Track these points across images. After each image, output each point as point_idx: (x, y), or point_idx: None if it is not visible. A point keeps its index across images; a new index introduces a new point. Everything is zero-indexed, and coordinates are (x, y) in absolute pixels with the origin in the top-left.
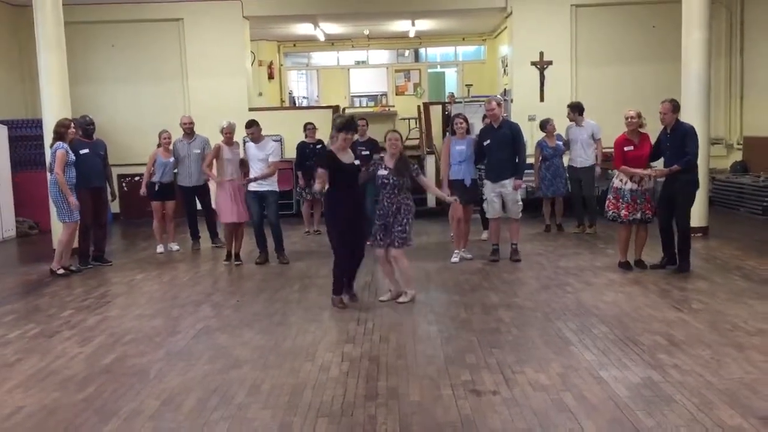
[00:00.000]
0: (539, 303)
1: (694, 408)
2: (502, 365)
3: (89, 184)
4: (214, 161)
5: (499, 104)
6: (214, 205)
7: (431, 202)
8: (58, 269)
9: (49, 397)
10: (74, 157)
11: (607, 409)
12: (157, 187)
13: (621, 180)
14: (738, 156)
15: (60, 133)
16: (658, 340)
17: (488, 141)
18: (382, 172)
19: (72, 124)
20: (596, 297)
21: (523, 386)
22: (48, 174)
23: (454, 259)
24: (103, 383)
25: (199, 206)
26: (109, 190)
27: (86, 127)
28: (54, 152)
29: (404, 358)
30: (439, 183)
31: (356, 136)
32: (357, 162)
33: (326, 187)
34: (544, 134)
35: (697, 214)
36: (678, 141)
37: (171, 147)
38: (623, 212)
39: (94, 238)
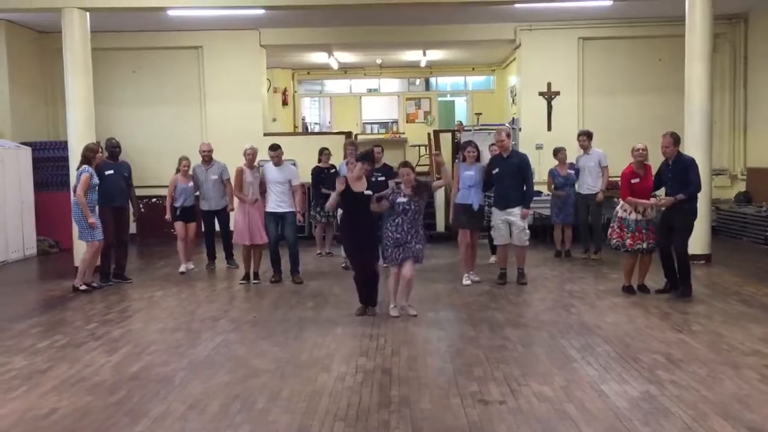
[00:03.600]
0: (544, 323)
1: (689, 419)
2: (508, 378)
3: (112, 203)
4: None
5: (508, 135)
6: (232, 227)
7: (440, 226)
8: (81, 285)
9: (82, 400)
10: (98, 181)
11: (606, 418)
12: (179, 212)
13: (625, 210)
14: (742, 186)
15: (87, 157)
16: (658, 359)
17: (497, 170)
18: (402, 199)
19: (100, 149)
20: (599, 318)
21: (528, 397)
22: (72, 194)
23: (466, 282)
24: (131, 389)
25: (218, 227)
26: (132, 210)
27: (112, 149)
28: (79, 175)
29: (415, 370)
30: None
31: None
32: (368, 192)
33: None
34: (556, 163)
35: (700, 242)
36: (680, 172)
37: (190, 172)
38: (628, 241)
39: (116, 256)
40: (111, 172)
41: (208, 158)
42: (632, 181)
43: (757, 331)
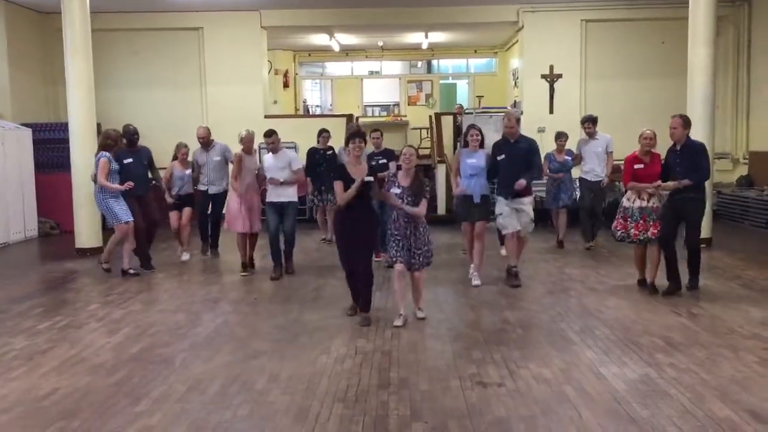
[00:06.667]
0: (544, 306)
1: (687, 401)
2: (507, 360)
3: (134, 192)
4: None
5: (517, 120)
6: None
7: (441, 209)
8: (104, 264)
9: (82, 381)
10: (117, 166)
11: (605, 400)
12: (174, 200)
13: (629, 199)
14: (744, 170)
15: (107, 145)
16: (657, 342)
17: (503, 156)
18: (396, 190)
19: (120, 138)
20: (599, 302)
21: (527, 379)
22: (93, 183)
23: (476, 282)
24: (131, 369)
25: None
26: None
27: (131, 137)
28: (97, 161)
29: (414, 352)
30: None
31: (372, 148)
32: (368, 179)
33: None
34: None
35: (702, 226)
36: (690, 158)
37: (189, 159)
38: (632, 231)
39: (144, 241)
40: (130, 160)
41: (204, 144)
42: (635, 166)
43: (757, 314)
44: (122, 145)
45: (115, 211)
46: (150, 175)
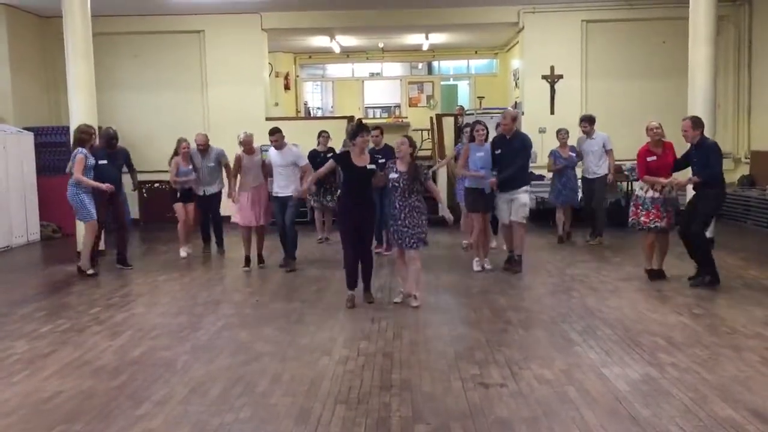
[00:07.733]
0: (546, 306)
1: (689, 401)
2: (509, 361)
3: (104, 193)
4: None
5: (513, 119)
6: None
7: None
8: (88, 269)
9: (85, 384)
10: (93, 161)
11: (606, 401)
12: (178, 194)
13: (642, 188)
14: (745, 170)
15: (82, 140)
16: (659, 341)
17: (500, 151)
18: (394, 175)
19: (94, 131)
20: (601, 302)
21: (529, 380)
22: (71, 177)
23: (477, 268)
24: (133, 373)
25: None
26: (132, 184)
27: (110, 140)
28: (74, 156)
29: (416, 353)
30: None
31: (372, 145)
32: (371, 166)
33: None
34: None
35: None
36: (703, 156)
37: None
38: (642, 219)
39: (116, 241)
40: (105, 162)
41: (203, 150)
42: (648, 159)
43: (760, 314)
44: (95, 141)
45: (88, 207)
46: (131, 177)
